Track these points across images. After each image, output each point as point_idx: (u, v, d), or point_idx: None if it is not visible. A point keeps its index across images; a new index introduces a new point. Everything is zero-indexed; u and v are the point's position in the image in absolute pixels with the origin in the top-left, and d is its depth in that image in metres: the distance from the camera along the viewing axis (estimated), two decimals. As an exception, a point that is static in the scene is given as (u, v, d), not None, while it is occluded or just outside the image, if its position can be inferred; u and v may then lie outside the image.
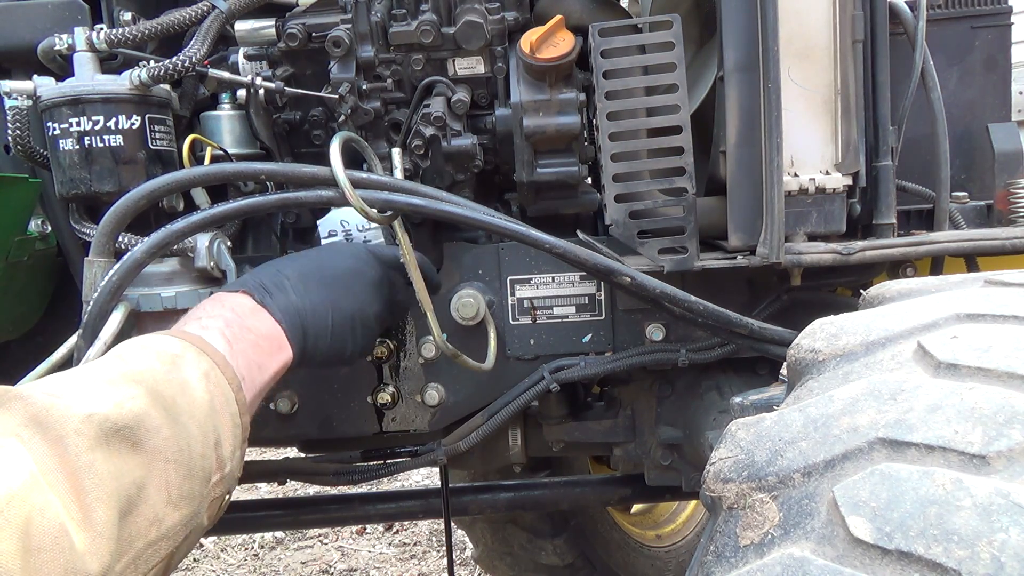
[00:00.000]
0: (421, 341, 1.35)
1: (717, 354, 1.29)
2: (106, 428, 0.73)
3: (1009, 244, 1.16)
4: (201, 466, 0.83)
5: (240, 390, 0.93)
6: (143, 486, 0.75)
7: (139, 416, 0.77)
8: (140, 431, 0.76)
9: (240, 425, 0.92)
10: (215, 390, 0.89)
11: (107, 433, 0.73)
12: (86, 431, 0.72)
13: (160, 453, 0.78)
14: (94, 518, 0.68)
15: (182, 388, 0.85)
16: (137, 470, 0.75)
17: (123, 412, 0.76)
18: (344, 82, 1.27)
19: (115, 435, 0.74)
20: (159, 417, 0.79)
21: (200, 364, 0.89)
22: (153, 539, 0.76)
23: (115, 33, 1.20)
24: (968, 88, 1.45)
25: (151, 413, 0.78)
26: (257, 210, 1.17)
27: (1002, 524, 0.54)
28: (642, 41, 1.18)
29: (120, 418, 0.75)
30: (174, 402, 0.82)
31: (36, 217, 1.34)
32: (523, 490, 1.86)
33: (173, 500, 0.79)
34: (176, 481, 0.79)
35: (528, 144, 1.27)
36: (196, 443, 0.83)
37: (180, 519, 0.80)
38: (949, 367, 0.68)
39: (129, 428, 0.75)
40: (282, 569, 3.61)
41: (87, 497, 0.69)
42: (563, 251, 1.15)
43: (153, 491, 0.76)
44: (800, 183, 1.17)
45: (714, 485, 0.71)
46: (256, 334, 1.01)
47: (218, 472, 0.87)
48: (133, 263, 1.06)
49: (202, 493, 0.84)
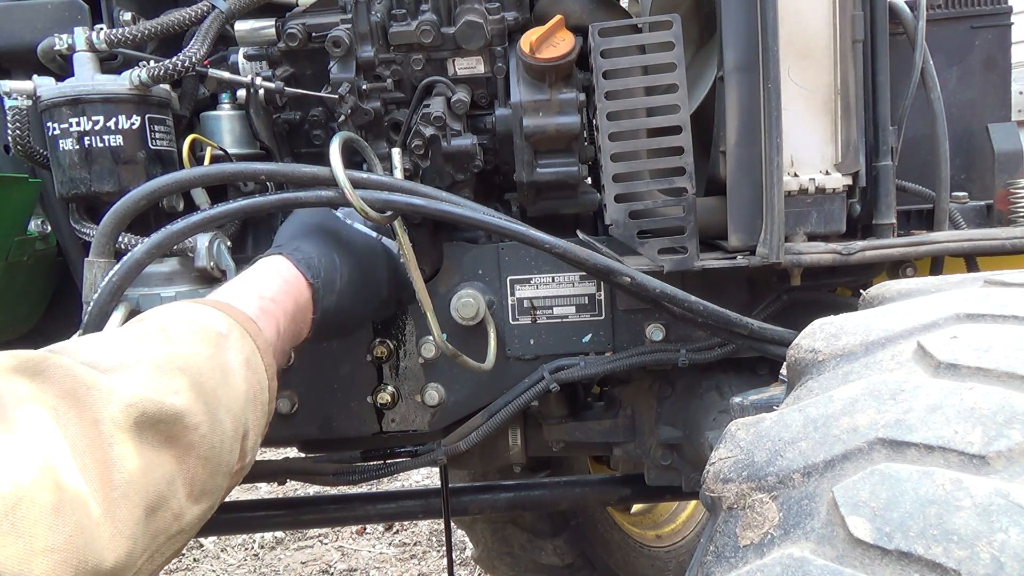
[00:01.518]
0: (421, 341, 1.35)
1: (717, 354, 1.29)
2: (143, 420, 0.71)
3: (1009, 244, 1.16)
4: (228, 461, 0.82)
5: (275, 377, 0.92)
6: (172, 481, 0.74)
7: (181, 412, 0.75)
8: (178, 427, 0.75)
9: (267, 414, 0.91)
10: (252, 378, 0.88)
11: (144, 424, 0.72)
12: (122, 420, 0.70)
13: (194, 449, 0.77)
14: (118, 514, 0.67)
15: (224, 378, 0.83)
16: (169, 465, 0.73)
17: (165, 405, 0.74)
18: (344, 82, 1.27)
19: (151, 428, 0.72)
20: (200, 414, 0.78)
21: (243, 349, 0.88)
22: (174, 533, 0.75)
23: (115, 33, 1.21)
24: (968, 88, 1.45)
25: (193, 409, 0.77)
26: (257, 210, 1.17)
27: (1002, 524, 0.54)
28: (642, 41, 1.18)
29: (161, 412, 0.73)
30: (215, 395, 0.81)
31: (36, 217, 1.34)
32: (523, 490, 1.86)
33: (195, 495, 0.77)
34: (202, 477, 0.78)
35: (528, 144, 1.27)
36: (227, 438, 0.82)
37: (199, 513, 0.79)
38: (949, 367, 0.68)
39: (166, 424, 0.74)
40: (282, 569, 3.61)
41: (114, 491, 0.67)
42: (563, 251, 1.15)
43: (180, 486, 0.75)
44: (800, 183, 1.17)
45: (714, 485, 0.71)
46: (286, 300, 1.02)
47: (240, 463, 0.86)
48: (133, 264, 1.06)
49: (222, 487, 0.83)
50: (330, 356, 1.38)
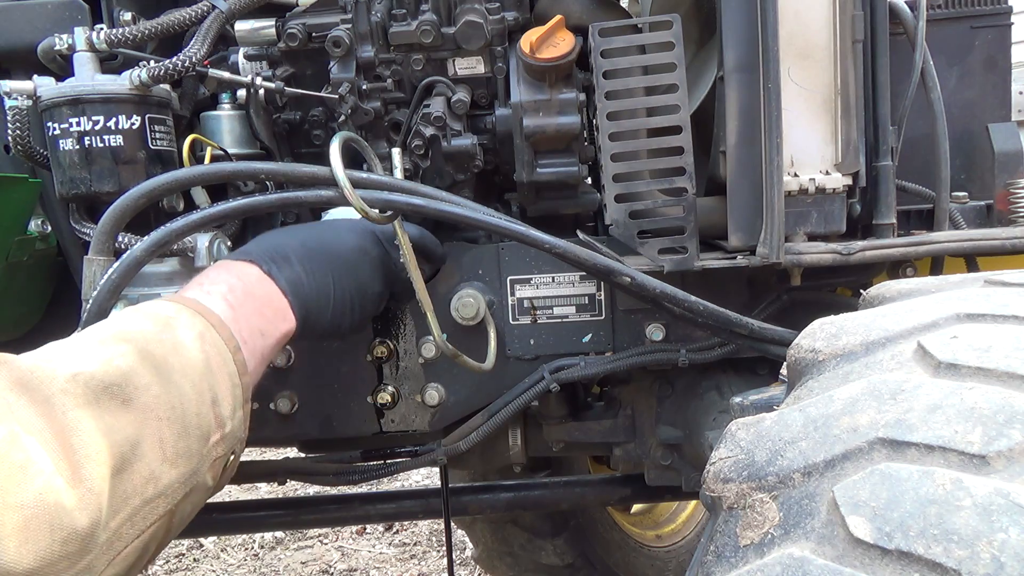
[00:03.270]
0: (421, 341, 1.35)
1: (717, 354, 1.29)
2: (93, 385, 0.74)
3: (1009, 244, 1.16)
4: (197, 424, 0.83)
5: (238, 351, 0.93)
6: (136, 443, 0.75)
7: (126, 373, 0.77)
8: (128, 388, 0.77)
9: (240, 385, 0.92)
10: (211, 350, 0.89)
11: (95, 391, 0.74)
12: (72, 390, 0.72)
13: (152, 410, 0.78)
14: (83, 474, 0.68)
15: (174, 348, 0.85)
16: (128, 427, 0.75)
17: (110, 369, 0.76)
18: (344, 82, 1.27)
19: (103, 392, 0.74)
20: (148, 375, 0.79)
21: (195, 325, 0.89)
22: (150, 496, 0.76)
23: (115, 33, 1.21)
24: (968, 88, 1.45)
25: (139, 371, 0.79)
26: (257, 210, 1.17)
27: (1002, 524, 0.54)
28: (642, 41, 1.18)
29: (107, 375, 0.75)
30: (165, 360, 0.82)
31: (36, 217, 1.34)
32: (523, 490, 1.86)
33: (169, 457, 0.79)
34: (171, 439, 0.79)
35: (528, 144, 1.27)
36: (190, 401, 0.83)
37: (177, 476, 0.80)
38: (949, 367, 0.68)
39: (117, 385, 0.76)
40: (282, 569, 3.61)
41: (76, 455, 0.69)
42: (563, 251, 1.15)
43: (147, 448, 0.76)
44: (800, 183, 1.17)
45: (714, 485, 0.71)
46: (260, 301, 1.02)
47: (218, 431, 0.87)
48: (132, 262, 1.06)
49: (200, 451, 0.84)
50: (330, 356, 1.38)
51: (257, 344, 0.99)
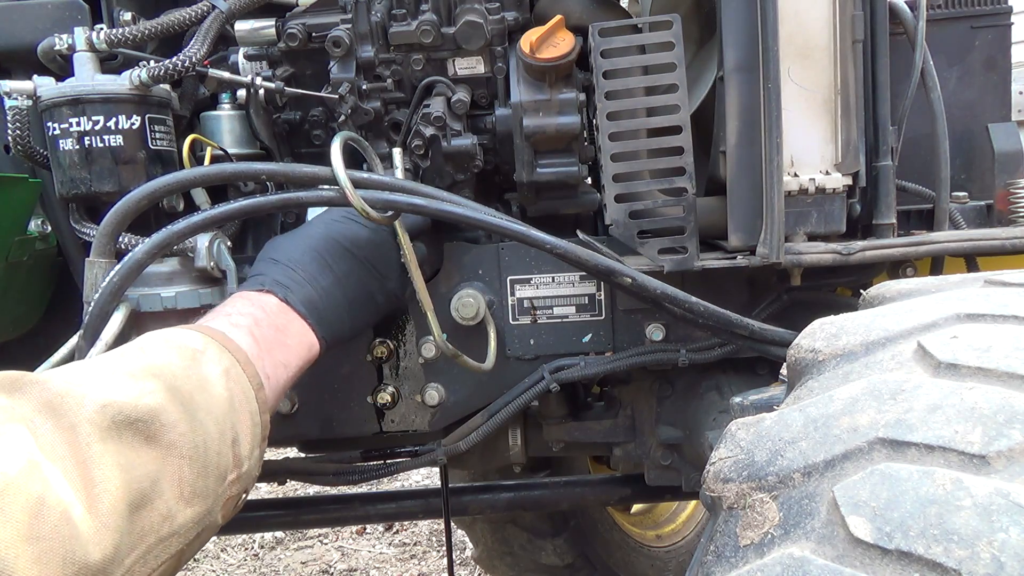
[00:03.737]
0: (421, 341, 1.35)
1: (717, 354, 1.29)
2: (120, 419, 0.73)
3: (1009, 244, 1.16)
4: (217, 463, 0.83)
5: (261, 388, 0.93)
6: (156, 480, 0.74)
7: (155, 410, 0.77)
8: (155, 425, 0.76)
9: (260, 424, 0.92)
10: (235, 387, 0.88)
11: (121, 424, 0.73)
12: (99, 420, 0.71)
13: (175, 448, 0.77)
14: (101, 509, 0.68)
15: (201, 384, 0.85)
16: (150, 464, 0.74)
17: (139, 405, 0.76)
18: (344, 82, 1.27)
19: (129, 427, 0.74)
20: (176, 412, 0.79)
21: (221, 361, 0.89)
22: (164, 535, 0.75)
23: (115, 33, 1.20)
24: (968, 88, 1.45)
25: (168, 408, 0.78)
26: (257, 210, 1.17)
27: (1002, 524, 0.54)
28: (642, 41, 1.18)
29: (135, 411, 0.75)
30: (192, 398, 0.82)
31: (36, 217, 1.34)
32: (523, 490, 1.86)
33: (186, 496, 0.78)
34: (190, 478, 0.79)
35: (528, 144, 1.27)
36: (213, 440, 0.82)
37: (193, 516, 0.79)
38: (949, 367, 0.68)
39: (143, 422, 0.75)
40: (282, 569, 3.61)
41: (96, 488, 0.68)
42: (563, 251, 1.15)
43: (166, 487, 0.76)
44: (800, 183, 1.17)
45: (714, 485, 0.71)
46: (284, 332, 1.02)
47: (235, 470, 0.86)
48: (134, 264, 1.06)
49: (217, 491, 0.83)
50: (330, 356, 1.38)
51: (280, 378, 0.99)
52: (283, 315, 1.05)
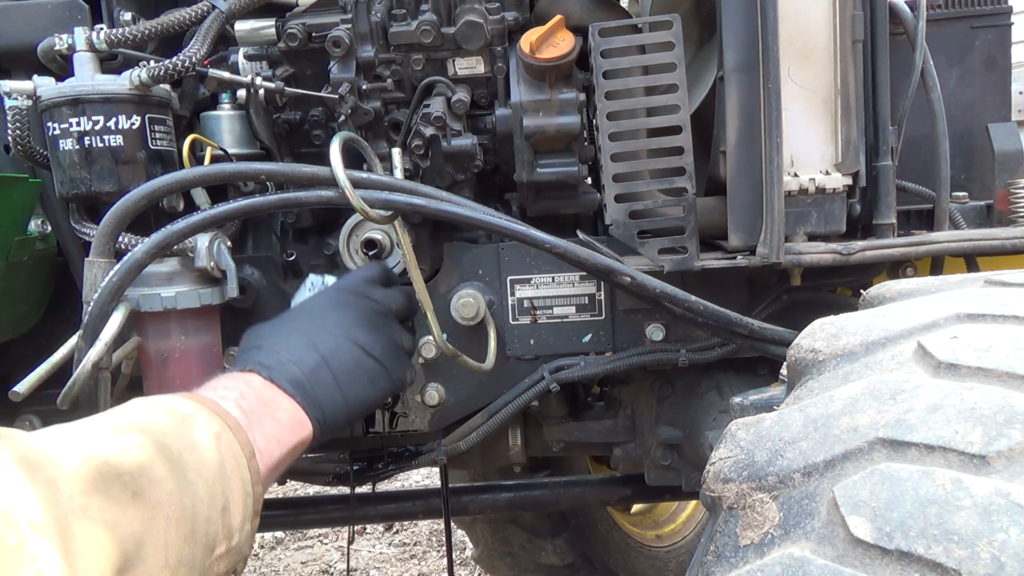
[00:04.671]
0: (421, 341, 1.35)
1: (717, 354, 1.29)
2: (105, 472, 0.68)
3: (1009, 244, 1.16)
4: (205, 531, 0.77)
5: (253, 457, 0.88)
6: (141, 543, 0.69)
7: (142, 464, 0.72)
8: (142, 480, 0.71)
9: (252, 495, 0.87)
10: (226, 452, 0.84)
11: (106, 477, 0.68)
12: (82, 473, 0.66)
13: (162, 508, 0.72)
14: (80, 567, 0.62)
15: (191, 445, 0.80)
16: (136, 523, 0.69)
17: (125, 458, 0.71)
18: (344, 82, 1.27)
19: (115, 480, 0.68)
20: (164, 469, 0.74)
21: (212, 425, 0.85)
22: None
23: (115, 33, 1.20)
24: (968, 88, 1.45)
25: (155, 463, 0.73)
26: (257, 210, 1.17)
27: (1002, 524, 0.54)
28: (642, 41, 1.18)
29: (121, 464, 0.70)
30: (180, 457, 0.77)
31: (36, 217, 1.34)
32: (523, 490, 1.86)
33: (171, 564, 0.72)
34: (176, 543, 0.73)
35: (528, 144, 1.27)
36: (202, 504, 0.77)
37: None
38: (949, 367, 0.68)
39: (131, 475, 0.70)
40: (282, 569, 3.61)
41: (76, 544, 0.62)
42: (563, 251, 1.15)
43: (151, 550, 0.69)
44: (800, 183, 1.17)
45: (714, 485, 0.71)
46: (272, 407, 0.98)
47: (224, 543, 0.81)
48: (133, 264, 1.06)
49: (203, 563, 0.77)
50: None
51: (273, 453, 0.95)
52: (268, 390, 1.00)
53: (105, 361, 1.05)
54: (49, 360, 1.06)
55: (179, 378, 1.19)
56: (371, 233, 1.32)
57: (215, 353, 1.25)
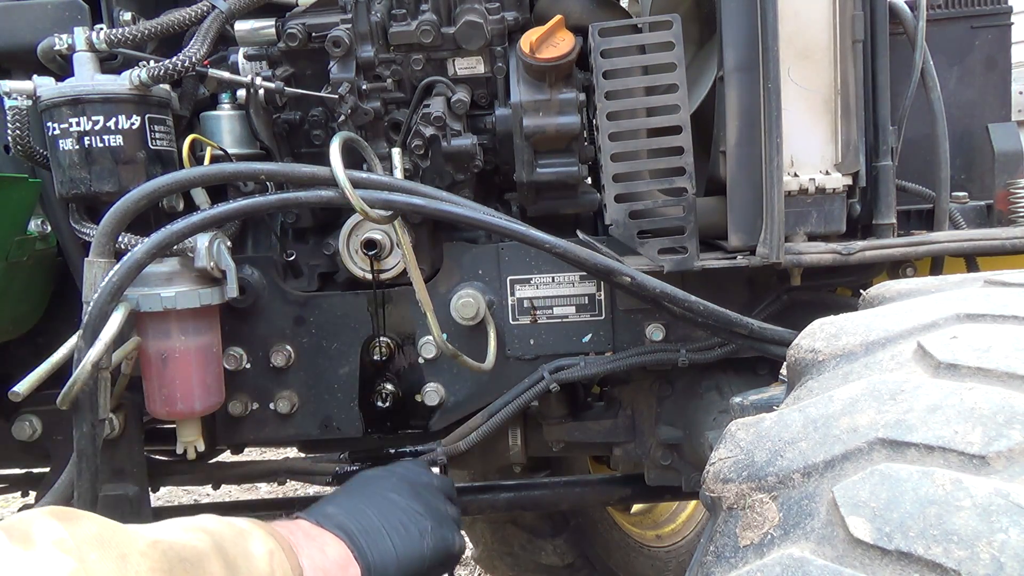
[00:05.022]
0: (421, 341, 1.35)
1: (717, 354, 1.29)
2: (171, 555, 0.73)
3: (1009, 244, 1.16)
4: None
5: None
6: None
7: (202, 555, 0.77)
8: (199, 569, 0.76)
9: None
10: (278, 569, 0.89)
11: (170, 559, 0.73)
12: (150, 553, 0.72)
13: None
14: None
15: (245, 554, 0.85)
16: None
17: (187, 546, 0.76)
18: (344, 82, 1.27)
19: (179, 563, 0.74)
20: (219, 566, 0.79)
21: (266, 543, 0.90)
22: None
23: (115, 33, 1.21)
24: (968, 88, 1.45)
25: (212, 559, 0.78)
26: (257, 210, 1.17)
27: (1002, 524, 0.54)
28: (642, 41, 1.18)
29: (184, 549, 0.75)
30: (236, 562, 0.82)
31: (36, 217, 1.34)
32: (523, 490, 1.86)
33: None
34: None
35: (528, 144, 1.27)
36: None
37: None
38: (949, 367, 0.68)
39: (191, 563, 0.75)
40: (282, 569, 3.59)
41: None
42: (563, 251, 1.15)
43: None
44: (800, 183, 1.17)
45: (714, 485, 0.71)
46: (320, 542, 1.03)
47: None
48: (133, 264, 1.06)
49: None
50: (330, 356, 1.38)
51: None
52: (316, 529, 1.05)
53: (105, 361, 1.05)
54: (49, 360, 1.06)
55: (179, 378, 1.19)
56: (371, 233, 1.32)
57: (215, 353, 1.25)
